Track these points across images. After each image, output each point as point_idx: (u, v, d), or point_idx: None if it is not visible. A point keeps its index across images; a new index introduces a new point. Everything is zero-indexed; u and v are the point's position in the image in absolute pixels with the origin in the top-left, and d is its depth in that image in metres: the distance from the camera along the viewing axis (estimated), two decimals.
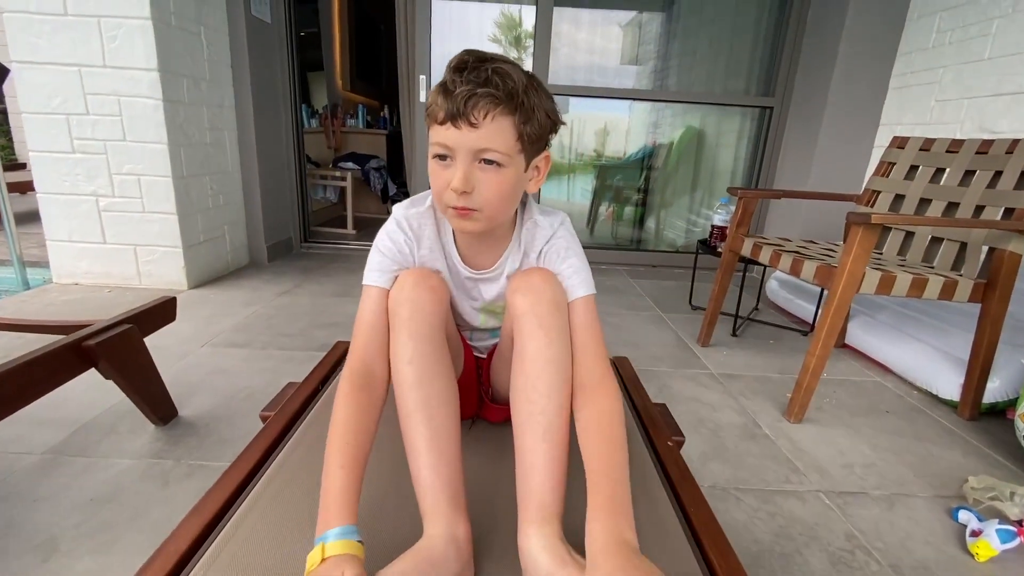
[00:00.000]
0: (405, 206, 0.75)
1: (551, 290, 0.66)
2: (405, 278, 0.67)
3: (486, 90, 0.59)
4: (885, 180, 1.73)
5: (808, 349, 1.33)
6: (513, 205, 0.69)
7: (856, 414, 1.44)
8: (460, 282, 0.77)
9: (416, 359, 0.62)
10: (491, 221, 0.66)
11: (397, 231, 0.73)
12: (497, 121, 0.61)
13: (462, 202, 0.63)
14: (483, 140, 0.60)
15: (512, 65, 0.62)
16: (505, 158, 0.62)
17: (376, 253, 0.72)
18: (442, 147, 0.62)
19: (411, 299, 0.64)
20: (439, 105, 0.61)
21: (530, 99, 0.62)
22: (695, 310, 2.25)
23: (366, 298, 0.71)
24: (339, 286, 2.34)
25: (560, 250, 0.73)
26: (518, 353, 0.64)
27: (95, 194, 2.02)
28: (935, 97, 2.20)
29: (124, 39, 1.86)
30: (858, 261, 1.23)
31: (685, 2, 2.88)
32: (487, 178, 0.62)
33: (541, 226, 0.74)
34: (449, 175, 0.63)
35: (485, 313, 0.80)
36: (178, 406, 1.25)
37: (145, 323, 1.13)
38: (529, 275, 0.67)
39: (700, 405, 1.42)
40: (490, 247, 0.74)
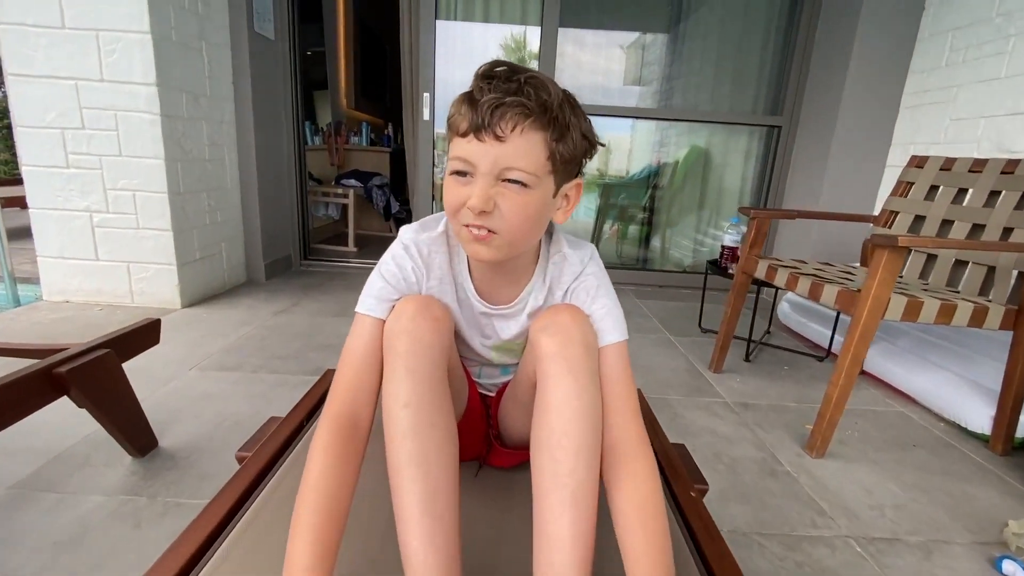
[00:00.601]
0: (415, 229, 0.67)
1: (583, 332, 0.58)
2: (404, 306, 0.59)
3: (516, 99, 0.52)
4: (904, 200, 1.66)
5: (830, 379, 1.25)
6: (536, 233, 0.61)
7: (881, 448, 1.35)
8: (473, 317, 0.69)
9: (413, 402, 0.54)
10: (510, 248, 0.59)
11: (404, 257, 0.65)
12: (526, 136, 0.54)
13: (479, 221, 0.55)
14: (509, 156, 0.53)
15: (548, 78, 0.55)
16: (532, 178, 0.55)
17: (378, 279, 0.64)
18: (462, 161, 0.55)
19: (409, 330, 0.56)
20: (462, 115, 0.55)
21: (565, 115, 0.55)
22: (705, 333, 2.17)
23: (358, 329, 0.62)
24: (337, 304, 2.27)
25: (590, 288, 0.65)
26: (543, 401, 0.56)
27: (88, 210, 1.97)
28: (950, 116, 2.15)
29: (122, 53, 1.83)
30: (883, 286, 1.16)
31: (691, 21, 2.86)
32: (510, 199, 0.55)
33: (570, 260, 0.66)
34: (467, 192, 0.55)
35: (499, 351, 0.72)
36: (159, 435, 1.17)
37: (124, 347, 1.06)
38: (558, 313, 0.59)
39: (715, 438, 1.34)
40: (509, 280, 0.67)
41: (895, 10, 2.33)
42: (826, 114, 2.55)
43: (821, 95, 2.61)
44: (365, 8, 4.74)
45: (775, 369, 1.83)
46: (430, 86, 2.79)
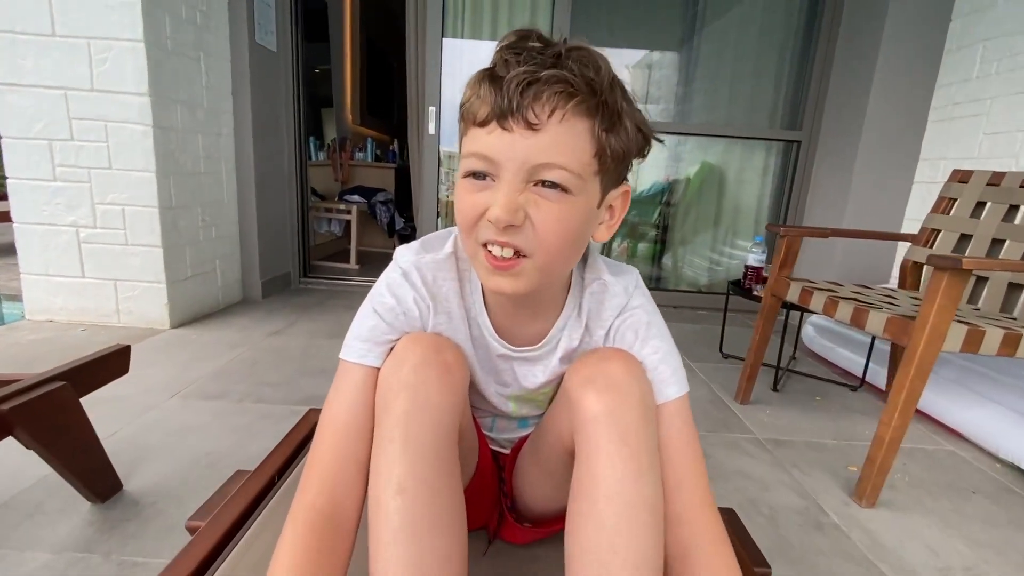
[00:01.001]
0: (415, 250, 0.52)
1: (641, 389, 0.44)
2: (406, 349, 0.45)
3: (556, 73, 0.39)
4: (946, 218, 1.53)
5: (881, 419, 1.10)
6: (576, 256, 0.48)
7: (937, 495, 1.20)
8: (489, 360, 0.55)
9: (410, 488, 0.40)
10: (543, 276, 0.45)
11: (403, 285, 0.51)
12: (568, 124, 0.40)
13: (504, 237, 0.41)
14: (545, 150, 0.40)
15: (595, 51, 0.41)
16: (575, 180, 0.41)
17: (369, 315, 0.50)
18: (481, 159, 0.42)
19: (412, 385, 0.43)
20: (481, 97, 0.41)
21: (616, 98, 0.41)
22: (727, 358, 2.03)
23: (343, 383, 0.48)
24: (335, 325, 2.15)
25: (639, 326, 0.51)
26: (586, 481, 0.42)
27: (75, 225, 1.88)
28: (983, 130, 2.03)
29: (114, 62, 1.75)
30: (943, 313, 1.02)
31: (705, 34, 2.77)
32: (546, 208, 0.41)
33: (611, 289, 0.52)
34: (486, 199, 0.42)
35: (518, 402, 0.58)
36: (126, 475, 1.04)
37: (85, 379, 0.94)
38: (606, 361, 0.46)
39: (749, 481, 1.19)
40: (535, 314, 0.53)
41: (920, 22, 2.23)
42: (849, 129, 2.43)
43: (843, 109, 2.50)
44: (372, 26, 4.73)
45: (806, 400, 1.68)
46: (436, 101, 2.71)
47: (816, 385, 1.82)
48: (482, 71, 0.43)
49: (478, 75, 0.43)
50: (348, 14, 4.31)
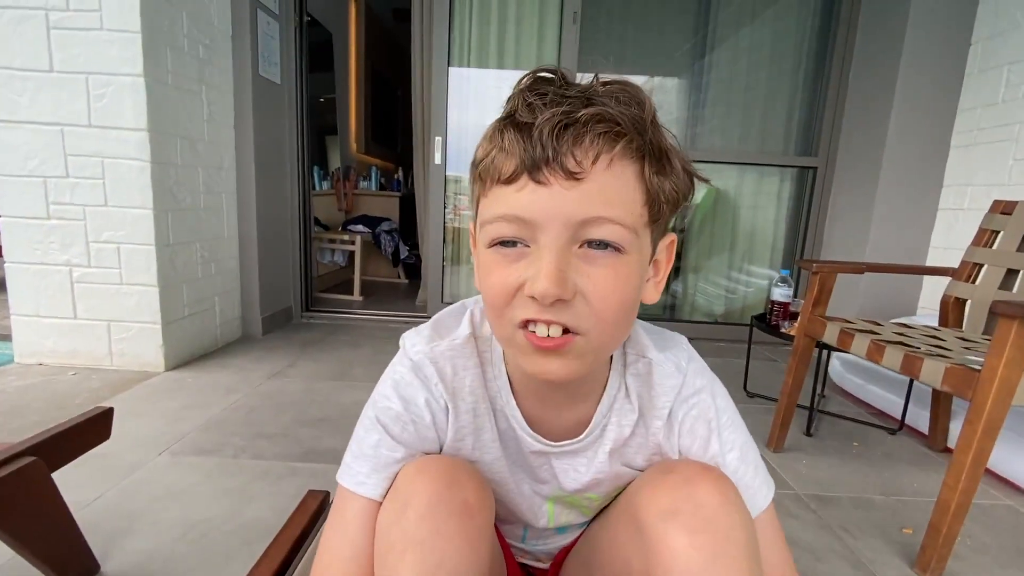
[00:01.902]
0: (426, 337, 0.43)
1: (744, 527, 0.35)
2: (411, 487, 0.36)
3: (595, 111, 0.32)
4: (989, 251, 1.44)
5: (945, 481, 0.99)
6: (631, 325, 0.40)
7: (1004, 562, 1.08)
8: (521, 456, 0.46)
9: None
10: (597, 357, 0.37)
11: (413, 384, 0.42)
12: (616, 168, 0.33)
13: (550, 316, 0.33)
14: (592, 202, 0.33)
15: (633, 84, 0.34)
16: (628, 236, 0.34)
17: (372, 428, 0.41)
18: (511, 222, 0.34)
19: (421, 541, 0.33)
20: (505, 149, 0.34)
21: (662, 136, 0.35)
22: (752, 397, 1.92)
23: (341, 515, 0.39)
24: (337, 365, 2.05)
25: (708, 416, 0.43)
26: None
27: (68, 264, 1.80)
28: (1013, 156, 1.95)
29: (112, 97, 1.70)
30: (1013, 365, 0.92)
31: (715, 58, 2.73)
32: (596, 274, 0.34)
33: (660, 367, 0.44)
34: (523, 272, 0.34)
35: (557, 504, 0.48)
36: (104, 553, 0.94)
37: (59, 451, 0.84)
38: (694, 485, 0.36)
39: (798, 550, 1.07)
40: (574, 399, 0.44)
41: (938, 45, 2.18)
42: (868, 154, 2.36)
43: (861, 134, 2.43)
44: (377, 55, 4.75)
45: (843, 446, 1.57)
46: (442, 130, 2.66)
47: (851, 427, 1.70)
48: (500, 120, 0.36)
49: (496, 125, 0.36)
50: (353, 44, 4.33)
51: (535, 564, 0.53)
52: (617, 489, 0.48)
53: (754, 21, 2.67)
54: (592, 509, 0.49)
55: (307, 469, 1.26)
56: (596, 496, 0.47)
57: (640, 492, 0.38)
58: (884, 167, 2.27)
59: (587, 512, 0.49)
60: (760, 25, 2.67)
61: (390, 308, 3.04)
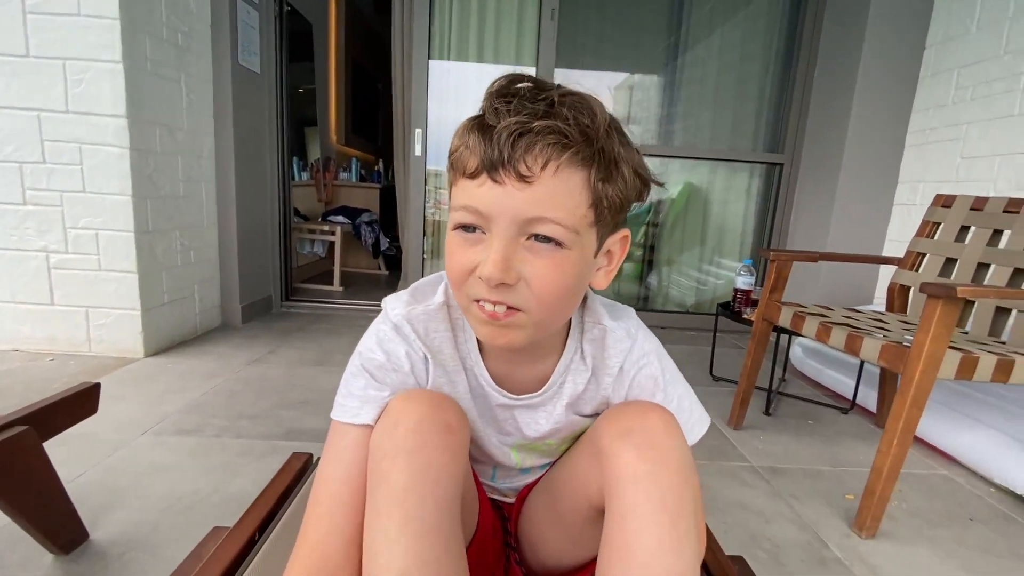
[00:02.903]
0: (405, 301, 0.50)
1: (681, 450, 0.42)
2: (402, 409, 0.42)
3: (548, 123, 0.37)
4: (931, 242, 1.55)
5: (879, 447, 1.09)
6: (572, 307, 0.47)
7: (935, 524, 1.18)
8: (488, 410, 0.52)
9: (414, 572, 0.37)
10: (538, 330, 0.43)
11: (396, 340, 0.48)
12: (562, 175, 0.39)
13: (496, 296, 0.40)
14: (538, 203, 0.39)
15: (591, 96, 0.40)
16: (569, 235, 0.40)
17: (359, 375, 0.46)
18: (471, 212, 0.40)
19: (411, 450, 0.39)
20: (470, 148, 0.40)
21: (613, 145, 0.40)
22: (717, 381, 2.02)
23: (335, 446, 0.45)
24: (318, 352, 2.09)
25: (656, 375, 0.50)
26: (620, 547, 0.39)
27: (45, 250, 1.80)
28: (960, 154, 2.08)
29: (91, 83, 1.70)
30: (938, 341, 1.02)
31: (687, 58, 2.82)
32: (538, 264, 0.40)
33: (613, 333, 0.50)
34: (477, 255, 0.40)
35: (521, 451, 0.55)
36: (92, 523, 0.97)
37: (50, 422, 0.88)
38: (645, 414, 0.43)
39: (749, 514, 1.16)
40: (534, 358, 0.51)
41: (895, 48, 2.30)
42: (831, 151, 2.48)
43: (824, 132, 2.55)
44: (357, 46, 4.73)
45: (799, 424, 1.67)
46: (422, 122, 2.70)
47: (807, 408, 1.81)
48: (471, 119, 0.42)
49: (467, 123, 0.42)
50: (333, 35, 4.31)
51: (502, 499, 0.60)
52: (571, 436, 0.54)
53: (725, 23, 2.77)
54: (551, 453, 0.55)
55: (290, 447, 1.31)
56: (553, 442, 0.54)
57: (602, 422, 0.45)
58: (844, 164, 2.39)
59: (546, 455, 0.55)
60: (731, 27, 2.77)
61: (370, 299, 3.07)
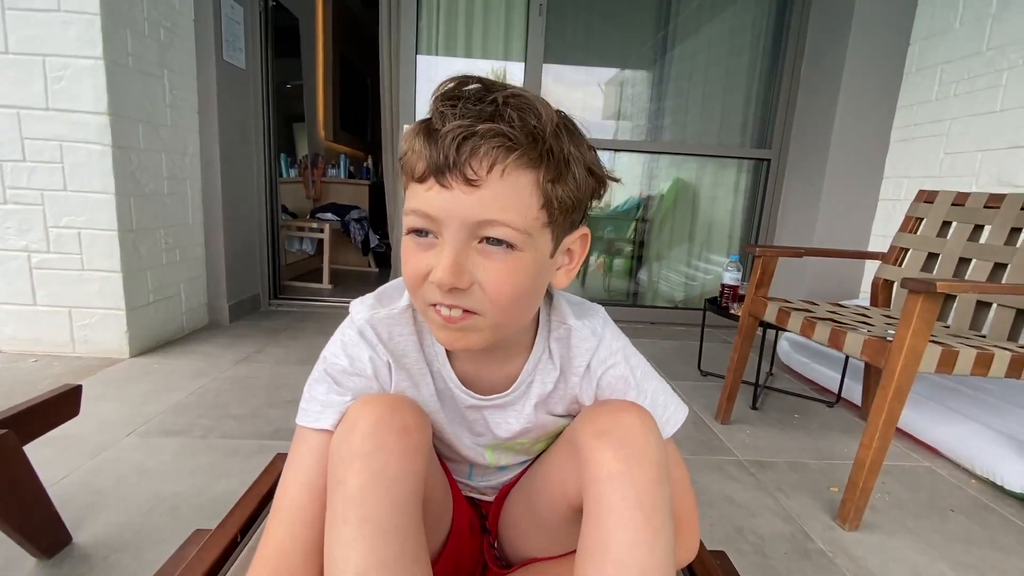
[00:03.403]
0: (370, 305, 0.50)
1: (657, 448, 0.42)
2: (358, 414, 0.41)
3: (492, 127, 0.37)
4: (914, 237, 1.57)
5: (862, 441, 1.10)
6: (532, 309, 0.46)
7: (917, 515, 1.20)
8: (457, 412, 0.52)
9: (373, 573, 0.37)
10: (495, 333, 0.43)
11: (360, 344, 0.48)
12: (510, 178, 0.38)
13: (451, 300, 0.40)
14: (487, 207, 0.38)
15: (536, 96, 0.40)
16: (521, 237, 0.39)
17: (322, 380, 0.47)
18: (420, 216, 0.40)
19: (366, 454, 0.39)
20: (416, 152, 0.39)
21: (563, 145, 0.40)
22: (705, 376, 2.03)
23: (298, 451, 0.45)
24: (306, 351, 2.08)
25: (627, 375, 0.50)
26: (596, 546, 0.39)
27: (27, 249, 1.77)
28: (944, 149, 2.11)
29: (71, 80, 1.67)
30: (918, 335, 1.03)
31: (676, 55, 2.83)
32: (491, 267, 0.40)
33: (578, 333, 0.50)
34: (430, 259, 0.40)
35: (495, 451, 0.55)
36: (75, 526, 0.96)
37: (31, 424, 0.87)
38: (621, 413, 0.43)
39: (734, 508, 1.17)
40: (501, 358, 0.51)
41: (880, 45, 2.32)
42: (817, 147, 2.50)
43: (810, 128, 2.57)
44: (345, 41, 4.69)
45: (785, 418, 1.69)
46: (410, 117, 2.68)
47: (794, 402, 1.83)
48: (418, 123, 0.41)
49: (414, 127, 0.41)
50: (320, 30, 4.27)
51: (481, 497, 0.60)
52: (544, 435, 0.55)
53: (713, 19, 2.78)
54: (527, 451, 0.56)
55: (277, 446, 1.30)
56: (526, 441, 0.54)
57: (579, 421, 0.45)
58: (831, 160, 2.41)
59: (523, 454, 0.56)
60: (719, 23, 2.77)
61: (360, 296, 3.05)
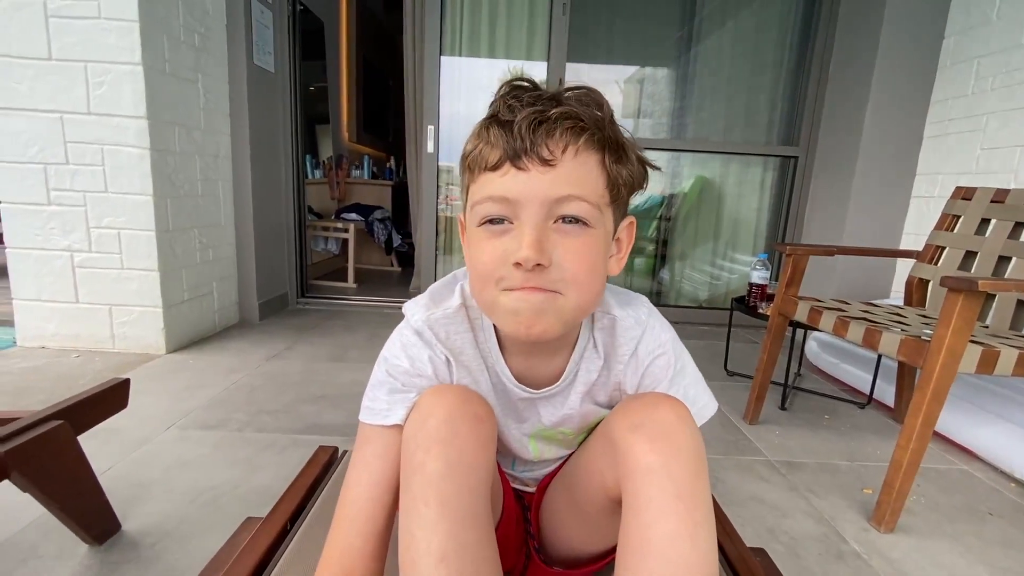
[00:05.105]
0: (424, 305, 0.52)
1: (694, 440, 0.42)
2: (433, 403, 0.43)
3: (563, 110, 0.40)
4: (951, 235, 1.53)
5: (898, 442, 1.09)
6: (602, 289, 0.47)
7: (954, 518, 1.18)
8: (510, 404, 0.54)
9: (452, 553, 0.38)
10: (577, 314, 0.44)
11: (418, 345, 0.49)
12: (581, 157, 0.41)
13: (533, 282, 0.41)
14: (563, 183, 0.41)
15: (593, 88, 0.43)
16: (593, 212, 0.42)
17: (384, 380, 0.48)
18: (497, 202, 0.42)
19: (445, 440, 0.40)
20: (491, 143, 0.42)
21: (618, 131, 0.43)
22: (732, 376, 2.01)
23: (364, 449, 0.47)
24: (334, 348, 2.12)
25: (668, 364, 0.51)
26: (636, 538, 0.40)
27: (70, 249, 1.84)
28: (980, 145, 2.05)
29: (111, 85, 1.73)
30: (958, 335, 1.01)
31: (700, 51, 2.80)
32: (570, 244, 0.42)
33: (623, 323, 0.51)
34: (507, 244, 0.41)
35: (539, 440, 0.56)
36: (123, 515, 1.00)
37: (83, 416, 0.91)
38: (656, 407, 0.43)
39: (765, 508, 1.17)
40: (551, 352, 0.52)
41: (914, 39, 2.26)
42: (846, 144, 2.45)
43: (840, 125, 2.52)
44: (368, 44, 4.75)
45: (815, 419, 1.67)
46: (434, 119, 2.71)
47: (823, 403, 1.80)
48: (486, 119, 0.44)
49: (483, 123, 0.44)
50: (345, 33, 4.33)
51: (523, 488, 0.62)
52: (585, 425, 0.56)
53: (739, 15, 2.74)
54: (567, 443, 0.57)
55: (311, 440, 1.33)
56: (569, 431, 0.55)
57: (614, 415, 0.46)
58: (861, 156, 2.36)
59: (564, 446, 0.57)
60: (745, 18, 2.74)
61: (384, 295, 3.10)
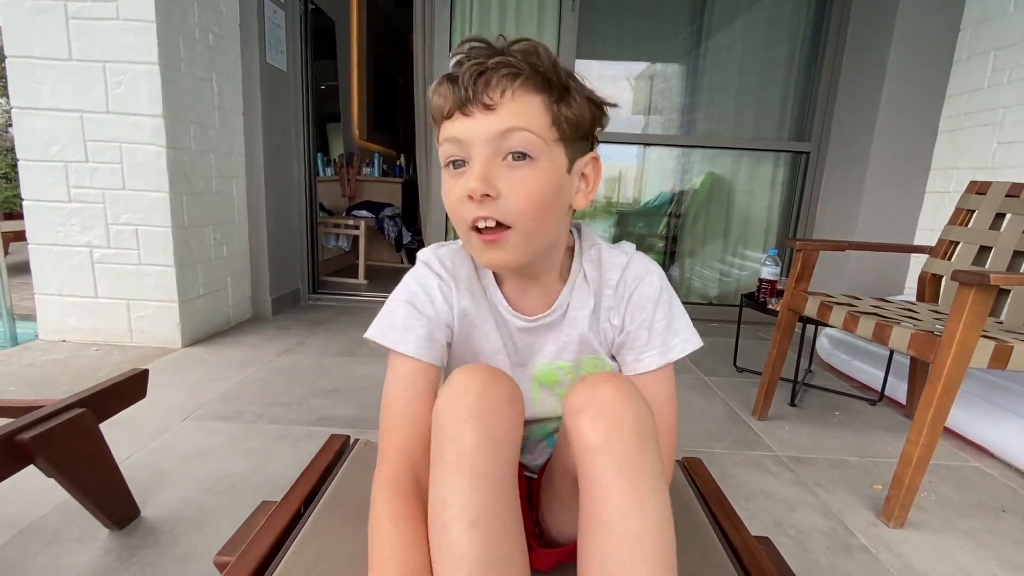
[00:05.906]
0: (432, 248, 0.59)
1: (635, 414, 0.42)
2: (468, 378, 0.44)
3: (499, 60, 0.45)
4: (964, 230, 1.52)
5: (908, 437, 1.08)
6: (556, 221, 0.51)
7: (966, 514, 1.17)
8: (509, 338, 0.58)
9: (484, 521, 0.39)
10: (529, 244, 0.49)
11: (428, 275, 0.56)
12: (520, 99, 0.46)
13: (484, 211, 0.46)
14: (503, 121, 0.45)
15: (538, 42, 0.47)
16: (537, 144, 0.46)
17: (400, 306, 0.54)
18: (452, 143, 0.47)
19: (479, 414, 0.42)
20: (443, 96, 0.47)
21: (560, 75, 0.47)
22: (741, 372, 2.01)
23: (397, 374, 0.52)
24: (345, 343, 2.15)
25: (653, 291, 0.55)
26: (588, 515, 0.41)
27: (89, 245, 1.89)
28: (997, 139, 2.02)
29: (129, 85, 1.77)
30: (970, 330, 1.01)
31: (711, 45, 2.78)
32: (516, 177, 0.46)
33: (609, 251, 0.57)
34: (464, 182, 0.47)
35: (541, 386, 0.59)
36: (142, 502, 1.03)
37: (104, 404, 0.94)
38: (596, 386, 0.44)
39: (773, 502, 1.17)
40: (544, 287, 0.57)
41: (928, 32, 2.23)
42: (859, 139, 2.43)
43: (852, 120, 2.49)
44: (378, 42, 4.78)
45: (825, 415, 1.66)
46: None
47: (834, 399, 1.79)
48: (442, 77, 0.49)
49: (438, 81, 0.49)
50: (355, 31, 4.37)
51: (530, 475, 0.64)
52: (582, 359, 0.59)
53: (750, 9, 2.72)
54: (564, 385, 0.59)
55: (323, 432, 1.36)
56: (566, 364, 0.58)
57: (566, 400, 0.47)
58: (873, 151, 2.33)
59: (562, 392, 0.59)
60: (755, 13, 2.72)
61: None
